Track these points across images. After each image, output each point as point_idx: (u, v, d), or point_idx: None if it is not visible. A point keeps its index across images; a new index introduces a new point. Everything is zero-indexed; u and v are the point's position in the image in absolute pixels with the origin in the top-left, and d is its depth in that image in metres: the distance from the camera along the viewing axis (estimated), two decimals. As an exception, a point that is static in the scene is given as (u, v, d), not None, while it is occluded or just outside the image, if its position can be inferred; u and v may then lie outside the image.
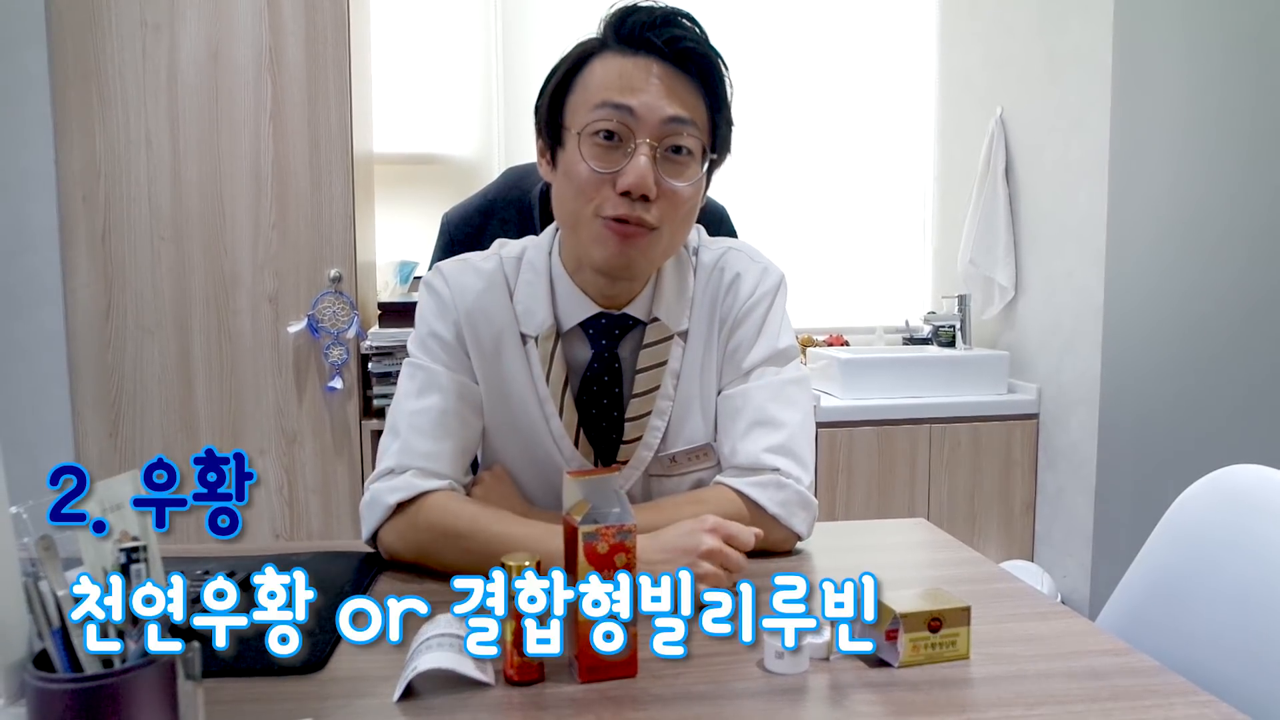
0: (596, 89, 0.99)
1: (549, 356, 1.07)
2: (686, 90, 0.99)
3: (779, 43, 3.10)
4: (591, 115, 0.98)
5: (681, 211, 1.01)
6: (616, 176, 0.97)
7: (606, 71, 0.99)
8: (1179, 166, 2.13)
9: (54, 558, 0.54)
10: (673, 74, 0.99)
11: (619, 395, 1.09)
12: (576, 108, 1.00)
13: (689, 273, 1.13)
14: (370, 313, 2.61)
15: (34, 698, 0.52)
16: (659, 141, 0.98)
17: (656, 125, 0.97)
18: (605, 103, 0.97)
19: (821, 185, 3.17)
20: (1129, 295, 2.30)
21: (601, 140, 0.98)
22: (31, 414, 2.39)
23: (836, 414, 2.63)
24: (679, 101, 0.98)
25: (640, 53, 0.99)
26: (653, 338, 1.09)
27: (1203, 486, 0.98)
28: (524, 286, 1.09)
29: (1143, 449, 2.26)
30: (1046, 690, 0.72)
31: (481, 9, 2.91)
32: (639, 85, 0.97)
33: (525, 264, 1.10)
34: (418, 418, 1.04)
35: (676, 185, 0.99)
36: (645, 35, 0.98)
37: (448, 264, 1.12)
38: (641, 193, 0.96)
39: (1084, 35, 2.47)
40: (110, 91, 2.33)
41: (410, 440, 1.03)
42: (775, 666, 0.75)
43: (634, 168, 0.96)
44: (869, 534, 1.21)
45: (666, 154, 0.99)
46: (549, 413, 1.08)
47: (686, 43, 0.99)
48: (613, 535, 0.73)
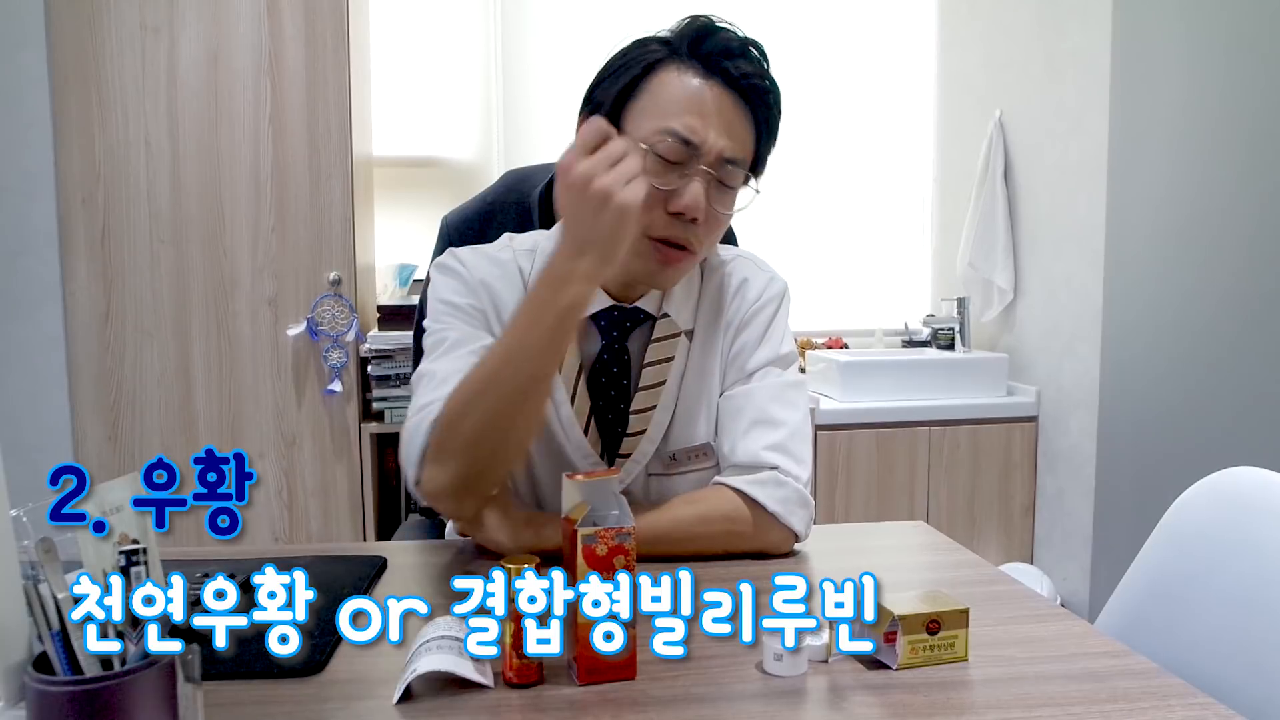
0: (668, 105, 1.01)
1: None
2: (745, 125, 1.04)
3: (778, 44, 3.09)
4: (659, 136, 1.00)
5: (717, 232, 1.07)
6: (670, 196, 1.00)
7: (679, 90, 1.01)
8: (1178, 168, 2.14)
9: (54, 560, 0.54)
10: (736, 108, 1.02)
11: (626, 387, 1.11)
12: (641, 117, 1.02)
13: (697, 273, 1.15)
14: (370, 316, 2.61)
15: (34, 700, 0.52)
16: (714, 170, 1.01)
17: (715, 159, 1.01)
18: (674, 131, 0.99)
19: (820, 187, 3.17)
20: (1128, 298, 2.31)
21: (662, 160, 1.00)
22: (31, 416, 2.39)
23: (835, 417, 2.63)
24: (738, 139, 1.03)
25: (713, 78, 1.01)
26: (661, 334, 1.11)
27: (1202, 489, 0.98)
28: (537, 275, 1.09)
29: (1142, 451, 2.26)
30: (1045, 692, 0.72)
31: (481, 12, 2.91)
32: (707, 114, 1.00)
33: (540, 255, 1.12)
34: (453, 362, 1.01)
35: (720, 211, 1.04)
36: (723, 64, 1.01)
37: (461, 250, 1.12)
38: (694, 216, 1.00)
39: (1083, 37, 2.47)
40: (110, 94, 2.33)
41: (448, 377, 0.98)
42: (774, 668, 0.75)
43: (691, 192, 1.00)
44: (868, 536, 1.21)
45: (717, 184, 1.03)
46: (559, 399, 1.08)
47: (754, 79, 1.02)
48: (612, 537, 0.73)
